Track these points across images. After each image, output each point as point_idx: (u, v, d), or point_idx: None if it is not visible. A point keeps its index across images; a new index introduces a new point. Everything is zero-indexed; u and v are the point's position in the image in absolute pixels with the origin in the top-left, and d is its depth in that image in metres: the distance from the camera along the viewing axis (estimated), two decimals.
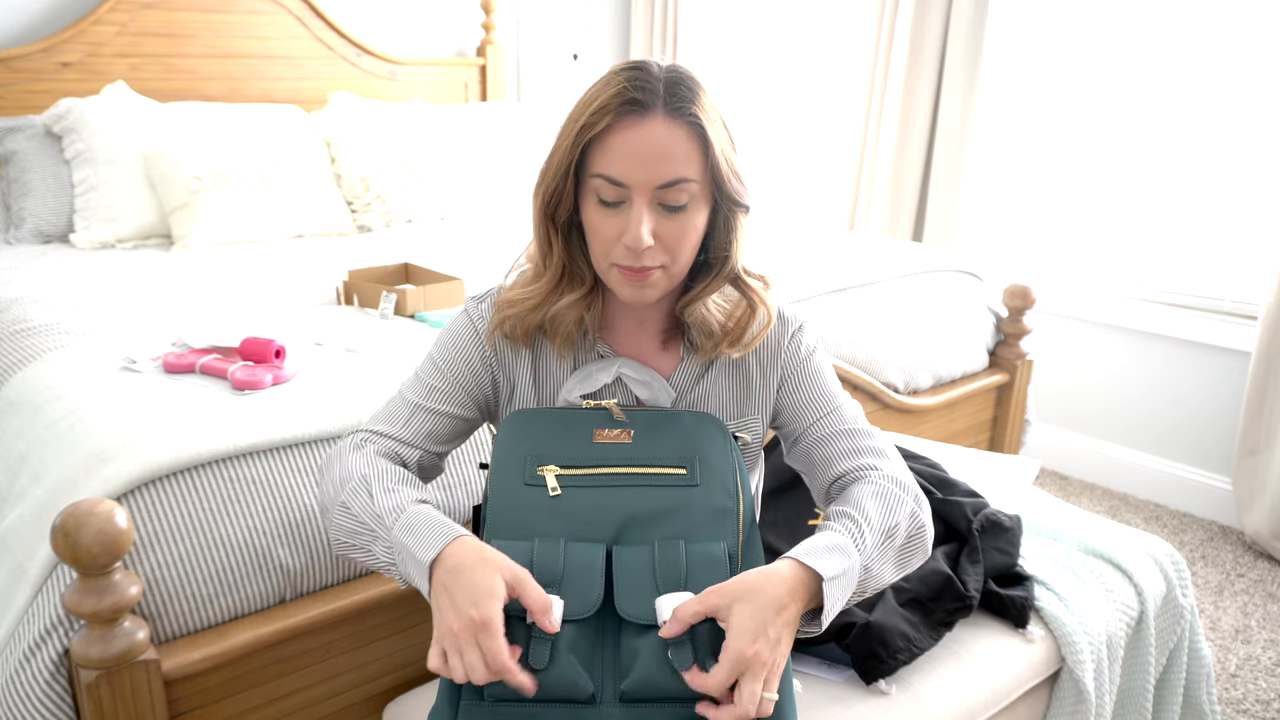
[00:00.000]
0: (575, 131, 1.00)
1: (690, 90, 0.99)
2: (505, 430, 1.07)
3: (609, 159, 0.99)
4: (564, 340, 1.11)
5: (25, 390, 1.53)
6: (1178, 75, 2.79)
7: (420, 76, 3.52)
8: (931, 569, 1.42)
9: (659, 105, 0.98)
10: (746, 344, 1.12)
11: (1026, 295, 2.45)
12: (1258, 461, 2.67)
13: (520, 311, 1.10)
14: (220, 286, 2.14)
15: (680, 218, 1.01)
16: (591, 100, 0.99)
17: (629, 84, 0.98)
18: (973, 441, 2.53)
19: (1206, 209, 2.80)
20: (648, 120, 0.98)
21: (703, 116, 0.99)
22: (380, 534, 0.99)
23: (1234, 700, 2.04)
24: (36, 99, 2.76)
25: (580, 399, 1.11)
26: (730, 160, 1.02)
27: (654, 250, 1.01)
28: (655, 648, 0.91)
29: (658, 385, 1.13)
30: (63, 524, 1.05)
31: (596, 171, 1.00)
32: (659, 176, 0.98)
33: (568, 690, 0.90)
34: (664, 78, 0.99)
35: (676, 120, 0.98)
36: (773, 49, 3.79)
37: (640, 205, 0.99)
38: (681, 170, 0.99)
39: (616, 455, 1.04)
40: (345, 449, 1.10)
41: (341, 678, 1.36)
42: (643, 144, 0.98)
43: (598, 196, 1.01)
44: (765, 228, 2.88)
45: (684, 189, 1.00)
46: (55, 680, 1.15)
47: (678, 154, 0.98)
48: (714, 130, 1.00)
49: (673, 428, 1.07)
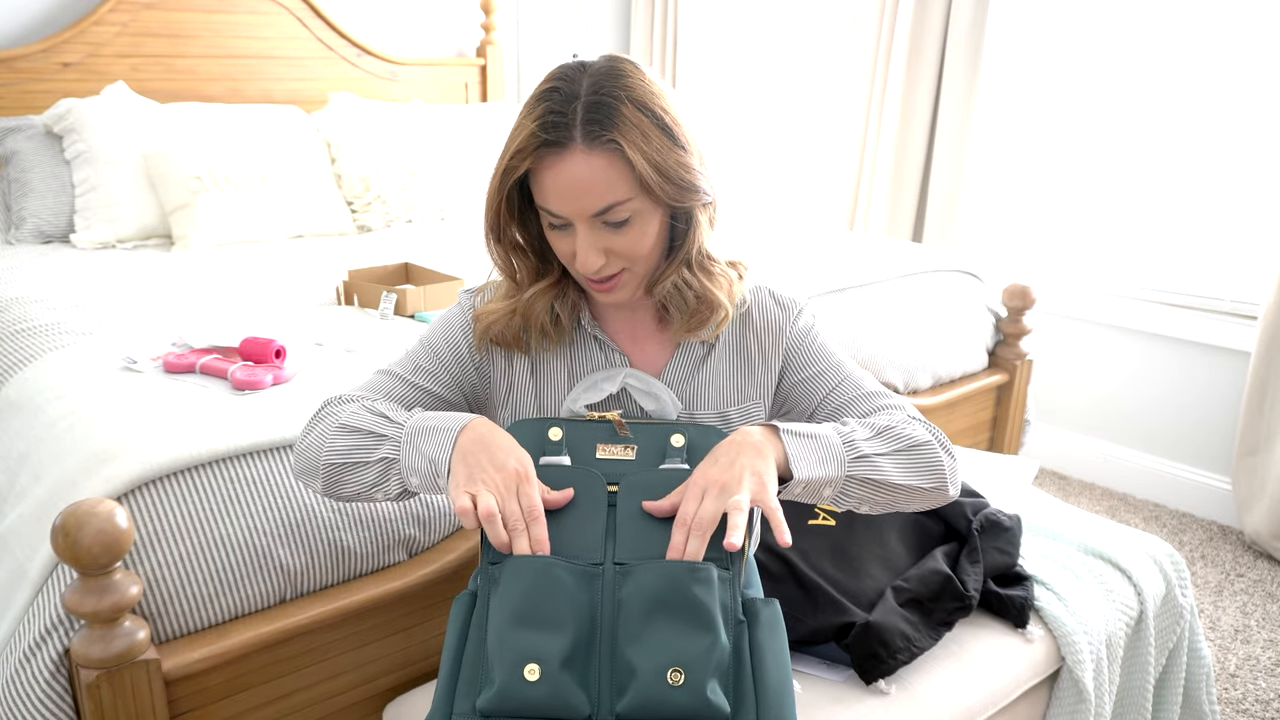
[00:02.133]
0: (500, 173, 1.01)
1: (608, 109, 0.96)
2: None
3: (542, 194, 1.01)
4: (541, 334, 1.11)
5: (25, 390, 1.53)
6: (1178, 75, 2.79)
7: (420, 77, 3.53)
8: (931, 569, 1.42)
9: (576, 139, 0.96)
10: (716, 325, 1.12)
11: (1026, 295, 2.45)
12: (1257, 461, 2.67)
13: (497, 320, 1.11)
14: (220, 286, 2.15)
15: (628, 231, 1.01)
16: (513, 139, 1.00)
17: (541, 123, 0.97)
18: (972, 441, 2.53)
19: (1206, 209, 2.80)
20: (566, 157, 0.97)
21: (622, 138, 0.96)
22: (389, 434, 1.03)
23: (1234, 700, 2.04)
24: (37, 99, 2.76)
25: (584, 409, 1.11)
26: (664, 168, 0.98)
27: (611, 261, 1.03)
28: (653, 665, 0.89)
29: (665, 397, 1.12)
30: (63, 524, 1.05)
31: (538, 202, 1.02)
32: (590, 207, 0.99)
33: (563, 709, 0.88)
34: (582, 99, 0.96)
35: (595, 149, 0.96)
36: (773, 49, 3.79)
37: (583, 231, 1.01)
38: (610, 195, 0.98)
39: (618, 472, 1.04)
40: (328, 408, 1.10)
41: (341, 678, 1.36)
42: (565, 180, 0.98)
43: (549, 222, 1.03)
44: (765, 228, 2.88)
45: (619, 209, 0.99)
46: (55, 680, 1.15)
47: (602, 182, 0.97)
48: (638, 147, 0.96)
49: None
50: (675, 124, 1.00)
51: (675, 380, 1.14)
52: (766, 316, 1.17)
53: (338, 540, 1.35)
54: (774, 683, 0.92)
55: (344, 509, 1.36)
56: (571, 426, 1.07)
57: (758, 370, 1.16)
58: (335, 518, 1.35)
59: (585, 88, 0.97)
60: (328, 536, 1.34)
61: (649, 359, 1.15)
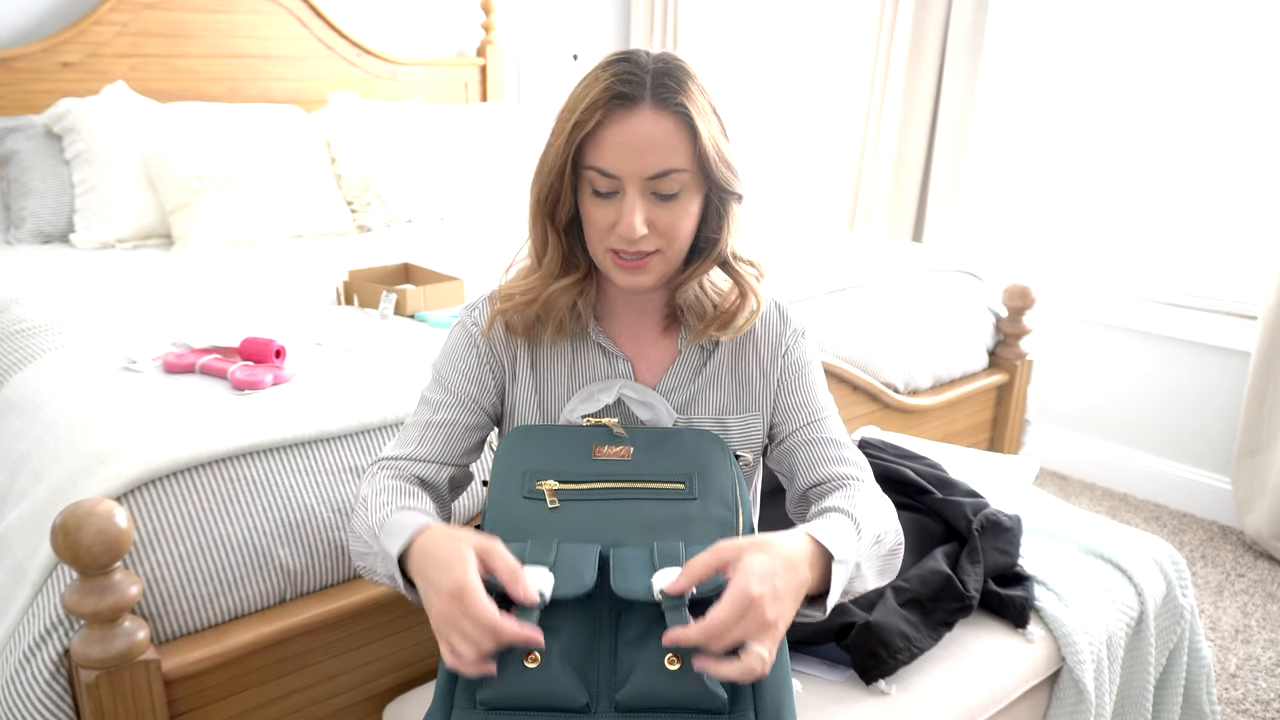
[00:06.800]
0: (568, 129, 1.01)
1: (678, 80, 1.00)
2: (505, 446, 1.08)
3: (600, 152, 1.00)
4: (557, 327, 1.11)
5: (25, 390, 1.53)
6: (1178, 75, 2.79)
7: (420, 77, 3.53)
8: (931, 569, 1.42)
9: (646, 97, 0.99)
10: (738, 328, 1.12)
11: (1026, 295, 2.45)
12: (1258, 461, 2.67)
13: (518, 304, 1.10)
14: (220, 286, 2.14)
15: (673, 205, 1.03)
16: (582, 97, 1.00)
17: (616, 78, 0.99)
18: (972, 441, 2.53)
19: (1206, 209, 2.80)
20: (635, 113, 0.99)
21: (690, 106, 1.00)
22: (375, 548, 1.01)
23: (1234, 700, 2.04)
24: (37, 99, 2.76)
25: (581, 419, 1.11)
26: (720, 148, 1.03)
27: (649, 236, 1.03)
28: (651, 657, 0.90)
29: (659, 406, 1.13)
30: (63, 524, 1.05)
31: (589, 164, 1.01)
32: (649, 167, 1.00)
33: (562, 699, 0.89)
34: (652, 69, 1.00)
35: (664, 111, 0.99)
36: (773, 49, 3.79)
37: (633, 195, 1.01)
38: (670, 160, 1.00)
39: (615, 471, 1.04)
40: (363, 481, 1.12)
41: (341, 678, 1.36)
42: (631, 136, 0.99)
43: (592, 187, 1.03)
44: (765, 227, 2.88)
45: (674, 178, 1.01)
46: (55, 680, 1.15)
47: (666, 144, 1.00)
48: (702, 119, 1.01)
49: (672, 444, 1.08)
50: (723, 116, 1.05)
51: (675, 385, 1.15)
52: (771, 329, 1.18)
53: (338, 540, 1.35)
54: (773, 682, 0.92)
55: (344, 509, 1.36)
56: (568, 433, 1.08)
57: (756, 382, 1.17)
58: (335, 518, 1.35)
59: (653, 60, 1.01)
60: (328, 536, 1.34)
61: (651, 363, 1.16)
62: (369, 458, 1.42)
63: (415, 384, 1.52)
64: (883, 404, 2.22)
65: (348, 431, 1.41)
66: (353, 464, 1.40)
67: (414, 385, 1.51)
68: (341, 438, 1.41)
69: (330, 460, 1.38)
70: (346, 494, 1.37)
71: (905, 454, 1.74)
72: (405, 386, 1.51)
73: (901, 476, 1.63)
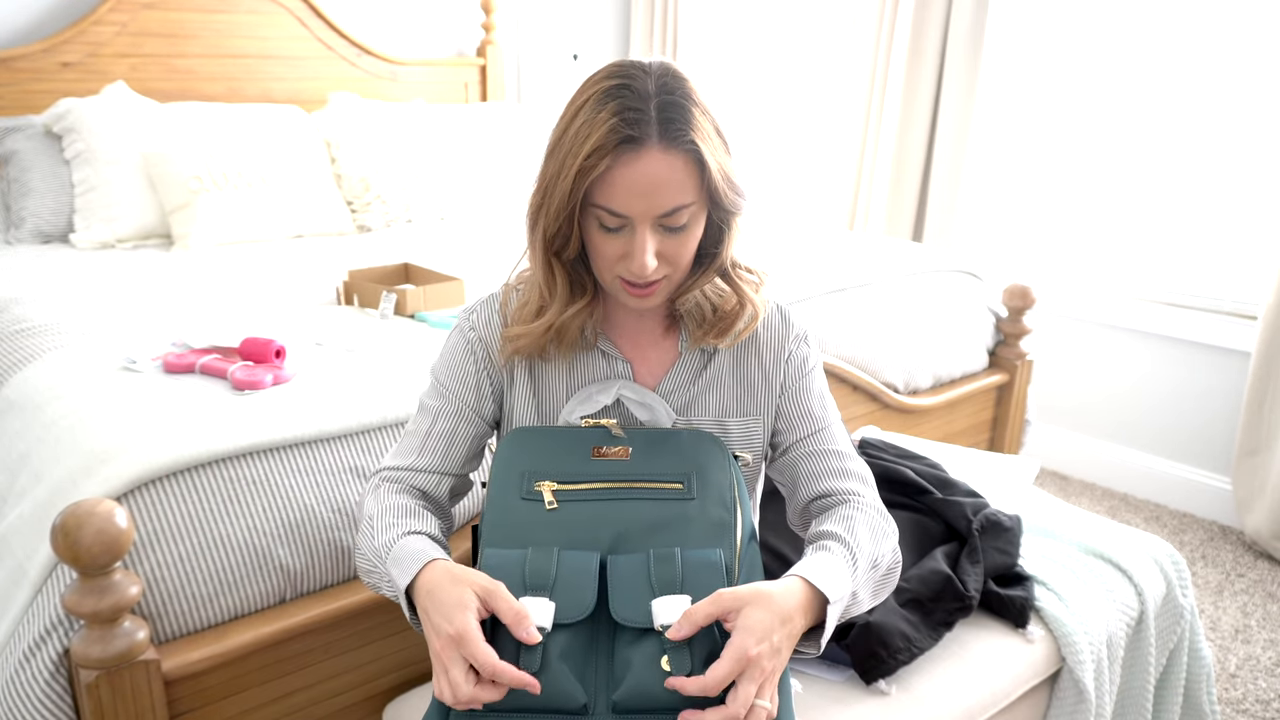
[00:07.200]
0: (574, 174, 0.96)
1: (682, 111, 0.96)
2: (504, 448, 1.07)
3: (609, 194, 0.98)
4: (569, 346, 1.11)
5: (25, 390, 1.53)
6: (1178, 76, 2.79)
7: (420, 77, 3.53)
8: (931, 569, 1.42)
9: (654, 136, 0.95)
10: (737, 334, 1.12)
11: (1026, 295, 2.45)
12: (1258, 461, 2.67)
13: (531, 341, 1.09)
14: (220, 286, 2.14)
15: (681, 235, 1.02)
16: (585, 136, 0.96)
17: (620, 119, 0.95)
18: (973, 441, 2.53)
19: (1206, 209, 2.80)
20: (643, 155, 0.95)
21: (698, 139, 0.96)
22: (381, 570, 1.02)
23: (1234, 700, 2.04)
24: (36, 99, 2.76)
25: (580, 420, 1.11)
26: (727, 174, 1.00)
27: (658, 266, 1.02)
28: (648, 658, 0.90)
29: (658, 407, 1.13)
30: (63, 524, 1.05)
31: (597, 203, 0.99)
32: (659, 207, 0.98)
33: (560, 700, 0.89)
34: (655, 99, 0.96)
35: (672, 150, 0.96)
36: (773, 49, 3.79)
37: (643, 233, 0.99)
38: (681, 198, 0.98)
39: (614, 471, 1.04)
40: (365, 493, 1.12)
41: (341, 678, 1.36)
42: (641, 178, 0.96)
43: (599, 222, 1.01)
44: (765, 228, 2.88)
45: (683, 213, 1.00)
46: (55, 680, 1.15)
47: (676, 183, 0.97)
48: (709, 148, 0.97)
49: (671, 445, 1.07)
50: (724, 129, 1.01)
51: (675, 387, 1.14)
52: (773, 334, 1.17)
53: (338, 540, 1.35)
54: None
55: (344, 509, 1.36)
56: (567, 434, 1.08)
57: (758, 386, 1.17)
58: (335, 518, 1.35)
59: (654, 87, 0.96)
60: (328, 536, 1.34)
61: (651, 365, 1.15)
62: (369, 458, 1.42)
63: (415, 384, 1.52)
64: (883, 404, 2.22)
65: (348, 431, 1.41)
66: (353, 464, 1.40)
67: (414, 385, 1.51)
68: (341, 438, 1.41)
69: (330, 460, 1.38)
70: (346, 494, 1.37)
71: (905, 454, 1.74)
72: (405, 387, 1.51)
73: (901, 476, 1.63)
